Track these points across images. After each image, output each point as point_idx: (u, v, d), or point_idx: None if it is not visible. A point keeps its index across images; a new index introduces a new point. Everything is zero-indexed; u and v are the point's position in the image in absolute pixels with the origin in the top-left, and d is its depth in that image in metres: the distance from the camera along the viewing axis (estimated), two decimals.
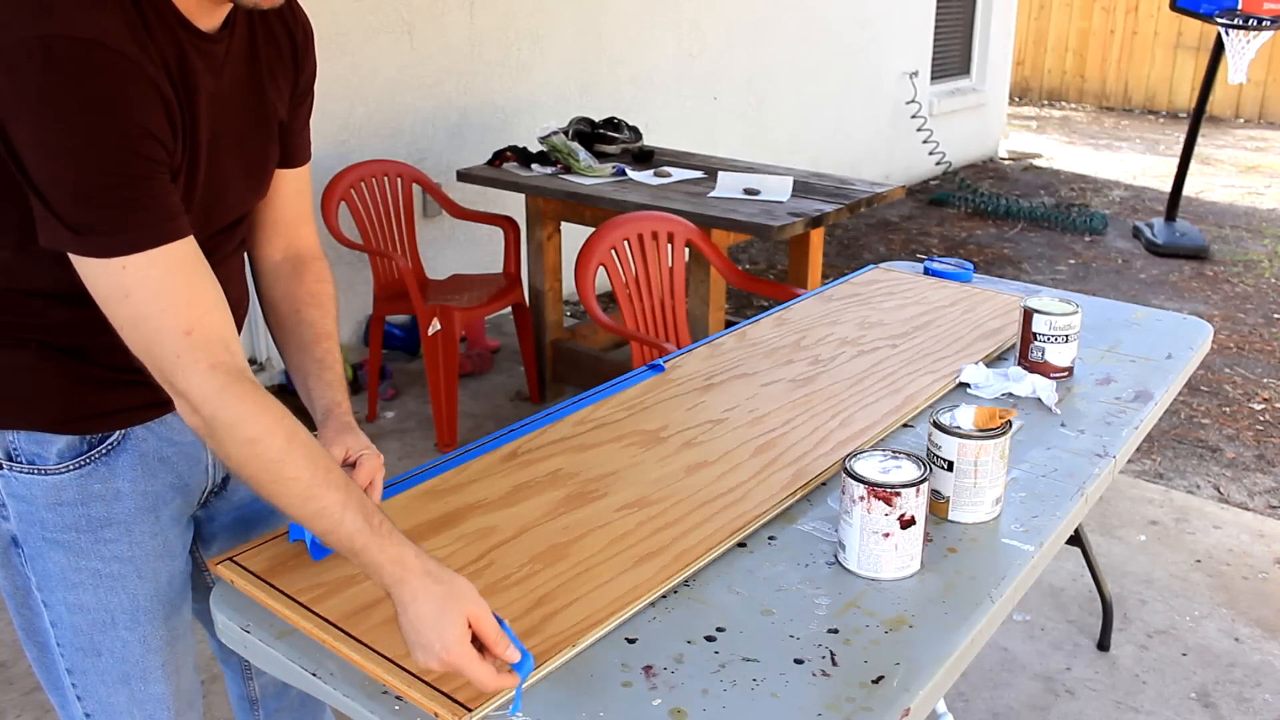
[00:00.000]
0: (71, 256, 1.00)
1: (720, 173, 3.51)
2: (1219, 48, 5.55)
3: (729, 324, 3.04)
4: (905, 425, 1.63)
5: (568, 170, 3.52)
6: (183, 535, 1.29)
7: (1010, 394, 1.72)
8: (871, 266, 2.39)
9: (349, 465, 1.22)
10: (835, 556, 1.27)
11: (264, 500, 1.07)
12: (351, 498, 1.05)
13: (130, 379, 1.13)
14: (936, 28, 7.18)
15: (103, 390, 1.16)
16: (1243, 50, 5.38)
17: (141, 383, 1.10)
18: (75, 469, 1.17)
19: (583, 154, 3.52)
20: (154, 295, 1.00)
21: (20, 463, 1.16)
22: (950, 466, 1.34)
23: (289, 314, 1.32)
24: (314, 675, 1.09)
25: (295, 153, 1.32)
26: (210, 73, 1.10)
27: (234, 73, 1.15)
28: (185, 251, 1.02)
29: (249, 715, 1.57)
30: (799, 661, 1.09)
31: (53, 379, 1.14)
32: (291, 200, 1.33)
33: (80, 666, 1.25)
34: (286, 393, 1.47)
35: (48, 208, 0.98)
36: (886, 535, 1.21)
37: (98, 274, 1.00)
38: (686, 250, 2.98)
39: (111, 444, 1.19)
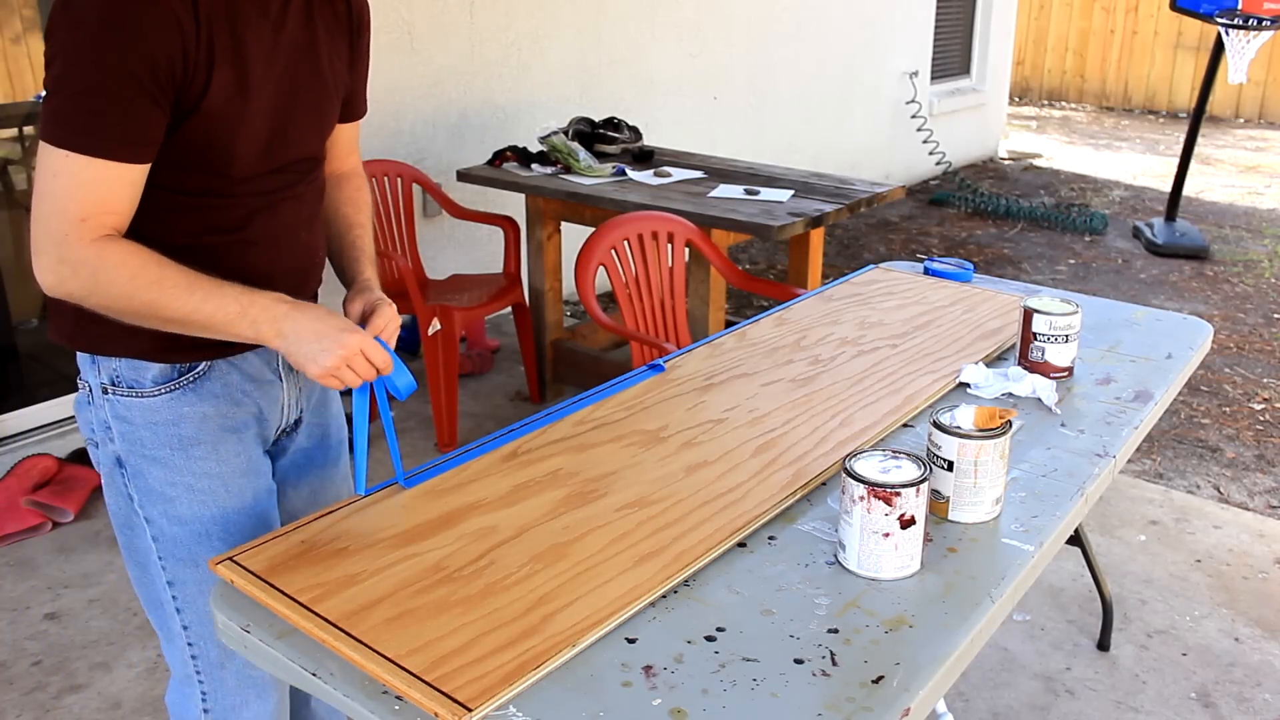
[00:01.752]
0: (39, 135, 1.18)
1: (721, 185, 3.51)
2: (1219, 48, 5.55)
3: (729, 324, 3.04)
4: (905, 425, 1.63)
5: (568, 170, 3.52)
6: (265, 458, 1.45)
7: (1010, 394, 1.72)
8: (871, 266, 2.39)
9: (364, 320, 1.39)
10: (835, 556, 1.27)
11: (159, 322, 1.23)
12: (225, 281, 1.24)
13: None
14: (936, 28, 7.19)
15: None
16: (1243, 50, 5.38)
17: None
18: (167, 392, 1.34)
19: (583, 154, 3.52)
20: (75, 185, 1.17)
21: (122, 387, 1.33)
22: (950, 466, 1.34)
23: (328, 210, 1.53)
24: (314, 675, 1.09)
25: (354, 109, 1.51)
26: (266, 20, 1.27)
27: (294, 28, 1.32)
28: (124, 172, 1.19)
29: None
30: (799, 661, 1.09)
31: None
32: (343, 145, 1.55)
33: (181, 578, 1.39)
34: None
35: (48, 100, 1.16)
36: (886, 535, 1.21)
37: (47, 150, 1.17)
38: (686, 250, 2.98)
39: (199, 373, 1.35)
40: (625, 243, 2.76)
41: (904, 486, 1.20)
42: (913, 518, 1.21)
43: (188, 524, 1.37)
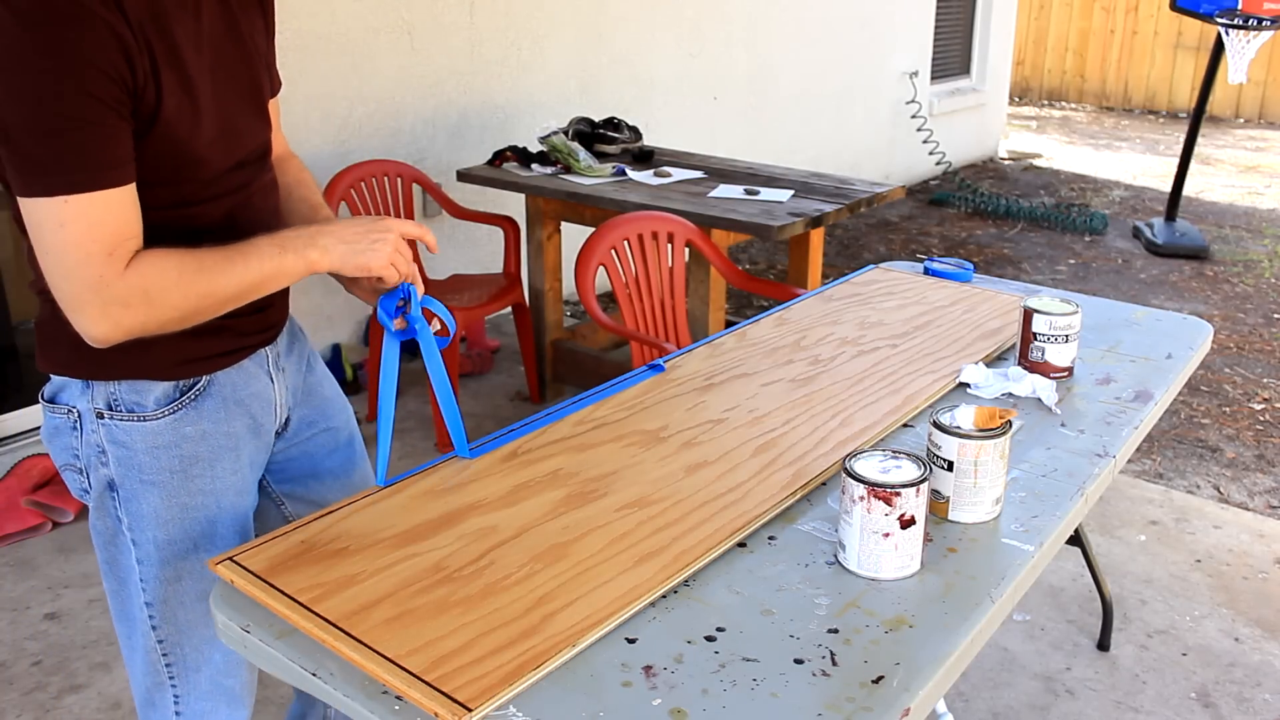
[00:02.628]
0: (14, 193, 1.12)
1: (721, 185, 3.51)
2: (1219, 48, 5.55)
3: (729, 324, 3.04)
4: (905, 425, 1.63)
5: (568, 170, 3.52)
6: (254, 476, 1.44)
7: (1010, 394, 1.72)
8: (871, 266, 2.39)
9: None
10: (835, 556, 1.27)
11: (220, 306, 1.22)
12: (256, 239, 1.24)
13: (217, 326, 1.29)
14: (936, 28, 7.19)
15: (195, 338, 1.28)
16: (1243, 50, 5.38)
17: (226, 330, 1.31)
18: (170, 414, 1.31)
19: (583, 154, 3.52)
20: (89, 226, 1.12)
21: (120, 411, 1.29)
22: (950, 466, 1.34)
23: (284, 198, 1.49)
24: (314, 675, 1.09)
25: (274, 82, 1.46)
26: (185, 11, 1.22)
27: (211, 13, 1.27)
28: (125, 195, 1.15)
29: None
30: (799, 661, 1.09)
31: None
32: (272, 123, 1.48)
33: (161, 596, 1.37)
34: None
35: (11, 152, 1.10)
36: (886, 535, 1.21)
37: (40, 205, 1.11)
38: (686, 250, 2.99)
39: (199, 389, 1.33)
40: (625, 243, 2.76)
41: (904, 486, 1.20)
42: (913, 518, 1.21)
43: (177, 543, 1.35)
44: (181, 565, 1.36)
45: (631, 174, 3.49)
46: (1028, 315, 1.77)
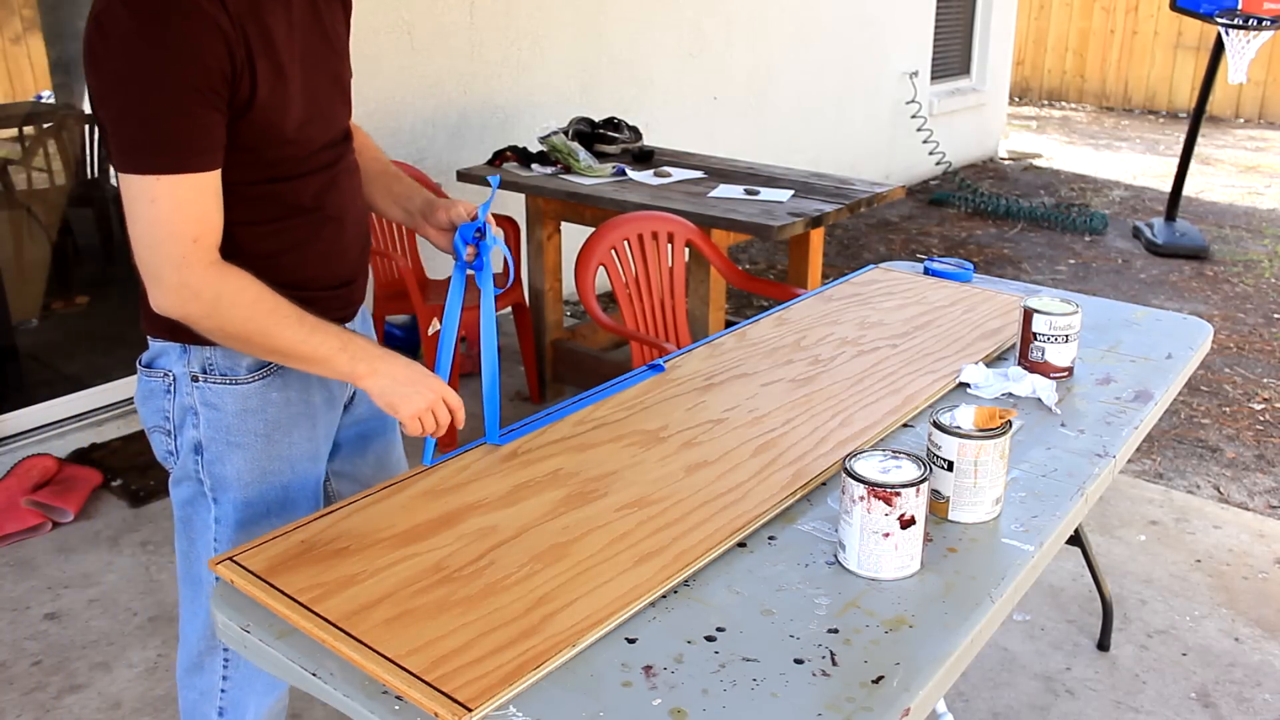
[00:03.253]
0: (116, 169, 1.22)
1: (721, 185, 3.50)
2: (1219, 48, 5.55)
3: (729, 324, 3.04)
4: (905, 425, 1.63)
5: (568, 170, 3.52)
6: (326, 447, 1.52)
7: (1010, 394, 1.72)
8: (871, 266, 2.39)
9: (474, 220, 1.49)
10: (835, 556, 1.27)
11: (263, 351, 1.30)
12: (332, 325, 1.33)
13: (308, 298, 1.34)
14: (936, 28, 7.19)
15: None
16: (1243, 50, 5.38)
17: (315, 303, 1.35)
18: (259, 379, 1.40)
19: (583, 154, 3.52)
20: (177, 206, 1.22)
21: (214, 375, 1.38)
22: (950, 466, 1.34)
23: (358, 156, 1.55)
24: (314, 675, 1.09)
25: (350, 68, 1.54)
26: (279, 3, 1.30)
27: (300, 4, 1.35)
28: (210, 180, 1.24)
29: None
30: (799, 661, 1.09)
31: None
32: None
33: None
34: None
35: (116, 132, 1.20)
36: (886, 535, 1.21)
37: (135, 180, 1.21)
38: (686, 250, 2.99)
39: None
40: (625, 243, 2.76)
41: (904, 486, 1.20)
42: (913, 518, 1.21)
43: (254, 505, 1.43)
44: (255, 529, 1.43)
45: (631, 174, 3.49)
46: (1028, 315, 1.77)
